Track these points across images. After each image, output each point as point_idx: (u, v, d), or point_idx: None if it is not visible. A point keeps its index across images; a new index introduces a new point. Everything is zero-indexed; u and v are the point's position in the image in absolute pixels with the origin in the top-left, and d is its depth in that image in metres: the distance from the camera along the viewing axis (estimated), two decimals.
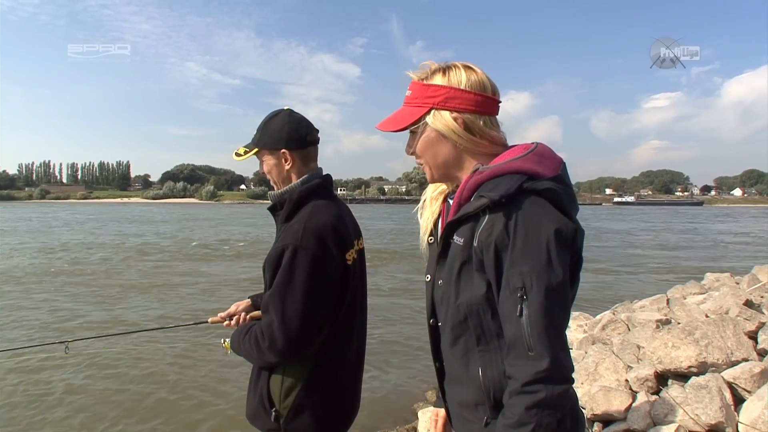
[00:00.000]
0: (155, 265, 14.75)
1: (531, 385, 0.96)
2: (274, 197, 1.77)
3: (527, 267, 0.99)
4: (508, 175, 1.08)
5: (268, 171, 1.76)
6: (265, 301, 1.59)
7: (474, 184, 1.12)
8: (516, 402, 0.98)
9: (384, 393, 5.23)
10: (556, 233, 1.00)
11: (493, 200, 1.04)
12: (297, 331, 1.53)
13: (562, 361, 0.98)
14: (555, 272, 0.99)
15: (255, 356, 1.62)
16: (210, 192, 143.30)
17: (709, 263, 15.46)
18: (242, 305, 2.01)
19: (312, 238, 1.57)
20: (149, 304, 9.36)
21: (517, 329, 0.99)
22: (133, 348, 5.79)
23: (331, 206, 1.71)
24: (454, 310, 1.14)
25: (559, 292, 1.00)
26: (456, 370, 1.20)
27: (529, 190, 1.05)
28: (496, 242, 1.03)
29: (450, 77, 1.15)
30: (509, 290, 1.01)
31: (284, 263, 1.55)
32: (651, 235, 29.82)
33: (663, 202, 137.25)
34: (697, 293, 5.97)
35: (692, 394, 2.79)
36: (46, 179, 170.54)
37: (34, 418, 4.50)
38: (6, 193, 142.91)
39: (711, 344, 3.10)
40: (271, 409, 1.62)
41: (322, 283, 1.58)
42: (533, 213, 1.03)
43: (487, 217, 1.06)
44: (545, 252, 0.99)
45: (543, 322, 0.97)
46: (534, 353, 0.97)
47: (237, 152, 1.79)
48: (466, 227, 1.11)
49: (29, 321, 7.85)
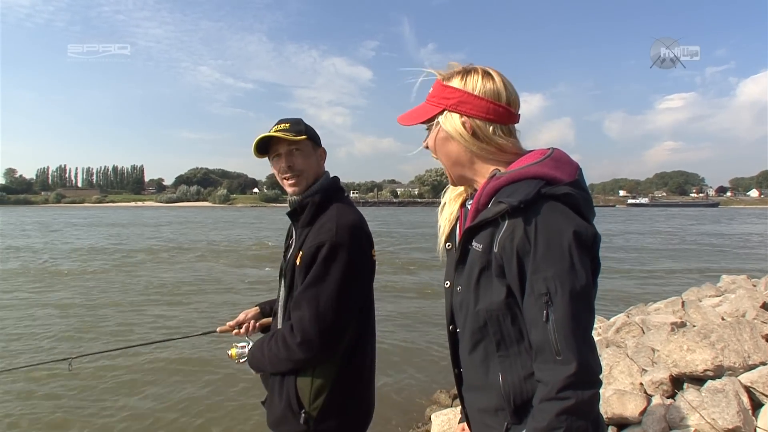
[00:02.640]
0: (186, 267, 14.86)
1: (562, 391, 0.97)
2: (294, 202, 1.75)
3: (551, 272, 1.00)
4: (526, 180, 1.08)
5: (305, 165, 1.73)
6: (297, 296, 1.59)
7: (492, 189, 1.13)
8: (546, 408, 0.98)
9: (397, 397, 5.23)
10: (576, 237, 1.01)
11: (513, 206, 1.05)
12: (330, 325, 1.54)
13: (590, 364, 0.99)
14: (578, 276, 1.00)
15: (283, 356, 1.59)
16: (223, 195, 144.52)
17: (725, 265, 15.27)
18: (251, 313, 2.01)
19: (346, 235, 1.60)
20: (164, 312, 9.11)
21: (544, 334, 1.00)
22: (139, 361, 5.64)
23: (353, 207, 1.76)
24: (474, 316, 1.14)
25: (584, 295, 1.00)
26: (475, 376, 1.20)
27: (547, 195, 1.05)
28: (517, 248, 1.04)
29: (466, 82, 1.17)
30: (534, 296, 1.02)
31: (320, 259, 1.57)
32: (664, 236, 29.49)
33: (677, 204, 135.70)
34: (713, 296, 5.88)
35: (708, 398, 2.75)
36: (62, 183, 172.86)
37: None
38: (23, 197, 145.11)
39: (727, 347, 3.06)
40: (301, 411, 1.60)
41: (355, 279, 1.62)
42: (553, 218, 1.03)
43: (507, 223, 1.07)
44: (567, 256, 1.00)
45: (570, 326, 0.98)
46: (562, 358, 0.98)
47: (286, 130, 1.71)
48: (485, 233, 1.12)
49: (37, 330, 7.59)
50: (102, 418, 4.68)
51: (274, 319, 1.90)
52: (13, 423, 4.54)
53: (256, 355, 1.72)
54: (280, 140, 1.71)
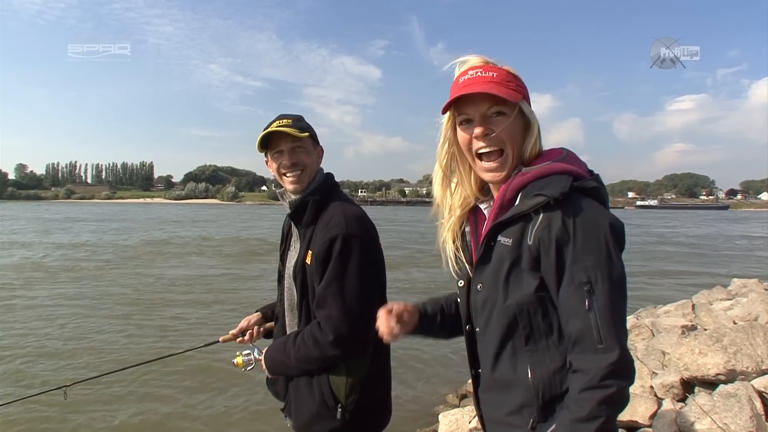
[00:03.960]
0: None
1: (605, 379, 0.98)
2: (295, 202, 1.72)
3: (590, 262, 1.02)
4: (555, 175, 1.10)
5: (306, 162, 1.72)
6: (321, 294, 1.58)
7: (518, 185, 1.13)
8: (588, 396, 0.99)
9: (405, 396, 5.22)
10: (611, 229, 1.05)
11: (554, 197, 1.05)
12: (359, 317, 1.55)
13: (629, 352, 1.02)
14: (616, 266, 1.03)
15: (317, 356, 1.58)
16: (232, 193, 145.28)
17: (734, 269, 15.13)
18: (253, 319, 2.00)
19: (356, 226, 1.61)
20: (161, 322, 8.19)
21: (585, 322, 1.01)
22: (140, 382, 5.28)
23: (352, 201, 1.78)
24: (503, 311, 1.13)
25: (621, 284, 1.04)
26: (498, 374, 1.18)
27: (579, 189, 1.08)
28: (557, 238, 1.05)
29: (519, 80, 1.18)
30: (574, 285, 1.03)
31: (335, 253, 1.56)
32: (673, 239, 29.28)
33: (687, 206, 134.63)
34: (724, 299, 5.84)
35: (721, 403, 2.72)
36: (72, 179, 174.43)
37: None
38: (33, 193, 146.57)
39: (740, 351, 3.03)
40: (337, 406, 1.60)
41: (373, 267, 1.64)
42: (589, 210, 1.06)
43: (542, 216, 1.07)
44: (605, 247, 1.03)
45: (612, 314, 1.01)
46: (604, 345, 0.99)
47: (290, 126, 1.68)
48: (514, 228, 1.11)
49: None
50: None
51: (277, 322, 1.89)
52: None
53: (276, 358, 1.71)
54: (284, 136, 1.68)
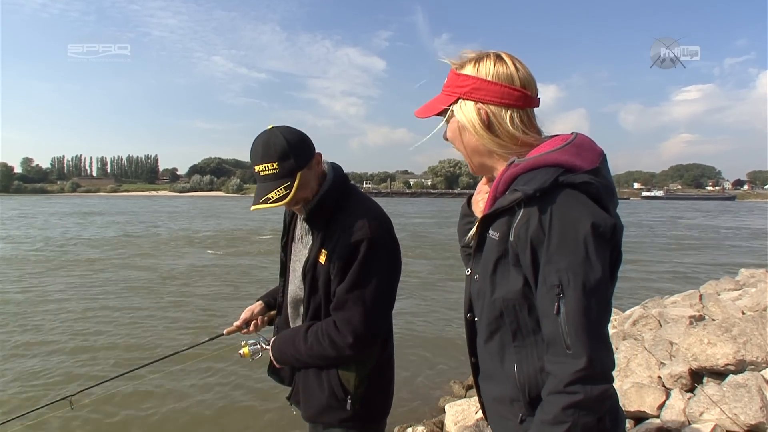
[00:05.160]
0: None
1: (570, 385, 0.95)
2: (310, 209, 1.63)
3: (564, 264, 0.97)
4: (544, 167, 1.05)
5: (304, 195, 1.58)
6: (341, 297, 1.56)
7: (509, 177, 1.09)
8: (553, 400, 0.97)
9: (410, 386, 5.22)
10: (593, 228, 0.97)
11: (527, 194, 1.01)
12: (378, 321, 1.57)
13: (602, 359, 0.96)
14: (593, 268, 0.96)
15: (332, 355, 1.58)
16: (236, 185, 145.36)
17: (739, 259, 15.05)
18: (257, 309, 1.99)
19: (380, 229, 1.58)
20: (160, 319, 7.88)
21: (555, 327, 0.98)
22: (150, 384, 5.02)
23: (367, 196, 1.71)
24: (490, 305, 1.12)
25: (598, 289, 0.97)
26: (491, 365, 1.18)
27: (565, 183, 1.02)
28: (531, 238, 1.01)
29: (479, 68, 1.13)
30: (546, 287, 0.99)
31: (360, 258, 1.53)
32: (678, 230, 29.15)
33: (693, 197, 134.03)
34: (732, 289, 5.80)
35: (730, 393, 2.70)
36: (77, 173, 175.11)
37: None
38: (39, 186, 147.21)
39: (750, 342, 3.00)
40: (347, 397, 1.62)
41: (396, 272, 1.63)
42: (569, 207, 1.00)
43: (522, 211, 1.04)
44: (582, 248, 0.96)
45: (580, 320, 0.95)
46: (572, 352, 0.95)
47: (274, 175, 1.50)
48: (501, 221, 1.09)
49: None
50: None
51: (279, 312, 1.88)
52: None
53: (286, 351, 1.69)
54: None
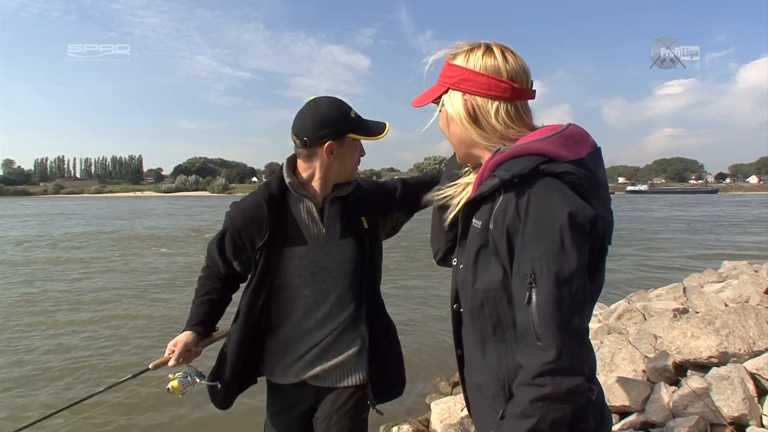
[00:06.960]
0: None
1: (538, 377, 0.92)
2: (343, 196, 1.73)
3: (538, 252, 0.94)
4: (527, 155, 1.02)
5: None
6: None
7: (494, 164, 1.08)
8: (522, 393, 0.95)
9: None
10: (570, 217, 0.94)
11: (504, 180, 1.00)
12: None
13: (573, 352, 0.93)
14: (567, 259, 0.93)
15: None
16: (222, 185, 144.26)
17: (723, 250, 15.22)
18: (189, 339, 1.71)
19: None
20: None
21: (526, 317, 0.95)
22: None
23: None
24: (472, 295, 1.10)
25: (571, 280, 0.93)
26: (475, 359, 1.17)
27: (546, 171, 0.99)
28: (507, 225, 0.99)
29: (469, 59, 1.13)
30: (519, 276, 0.97)
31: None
32: (662, 223, 29.45)
33: (677, 191, 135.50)
34: (715, 281, 5.84)
35: (714, 386, 2.70)
36: (60, 174, 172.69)
37: None
38: (21, 189, 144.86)
39: (732, 334, 3.00)
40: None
41: None
42: (547, 195, 0.97)
43: (501, 198, 1.03)
44: (558, 237, 0.94)
45: (551, 311, 0.93)
46: (542, 343, 0.93)
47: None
48: (484, 209, 1.08)
49: None
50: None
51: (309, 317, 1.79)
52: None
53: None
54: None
